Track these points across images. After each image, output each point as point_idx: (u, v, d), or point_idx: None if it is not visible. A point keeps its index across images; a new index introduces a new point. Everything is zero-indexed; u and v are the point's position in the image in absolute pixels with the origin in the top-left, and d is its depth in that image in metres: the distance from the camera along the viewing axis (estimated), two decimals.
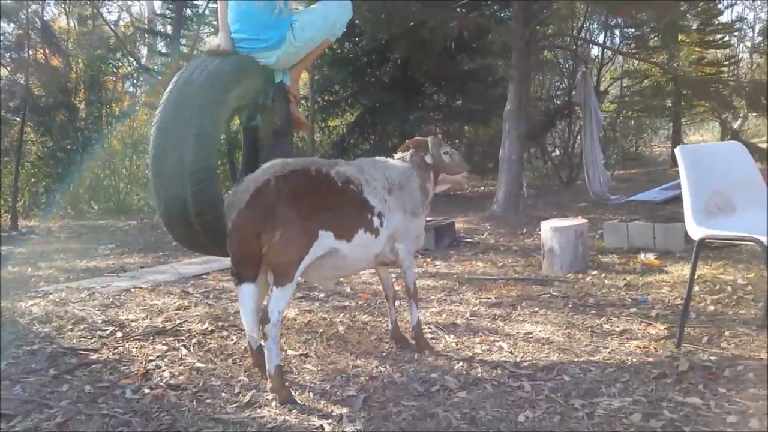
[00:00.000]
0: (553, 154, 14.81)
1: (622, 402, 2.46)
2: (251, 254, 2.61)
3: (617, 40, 14.12)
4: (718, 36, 13.71)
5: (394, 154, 3.37)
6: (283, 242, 2.55)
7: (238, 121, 3.50)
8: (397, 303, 3.32)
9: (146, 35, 16.51)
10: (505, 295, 4.25)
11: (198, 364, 3.05)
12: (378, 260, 3.06)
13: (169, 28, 14.48)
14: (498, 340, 3.31)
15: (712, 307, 3.70)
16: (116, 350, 3.30)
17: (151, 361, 3.12)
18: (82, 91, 13.50)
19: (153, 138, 2.88)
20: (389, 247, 3.02)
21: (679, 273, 4.55)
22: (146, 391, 2.74)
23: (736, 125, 15.69)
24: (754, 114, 11.06)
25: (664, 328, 3.35)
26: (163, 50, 15.32)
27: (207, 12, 12.73)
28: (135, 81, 15.93)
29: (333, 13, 3.36)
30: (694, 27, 12.77)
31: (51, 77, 12.62)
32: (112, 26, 15.22)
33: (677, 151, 3.00)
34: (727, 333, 3.22)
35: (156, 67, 15.11)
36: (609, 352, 3.05)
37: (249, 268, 2.66)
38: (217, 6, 3.35)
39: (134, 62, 14.81)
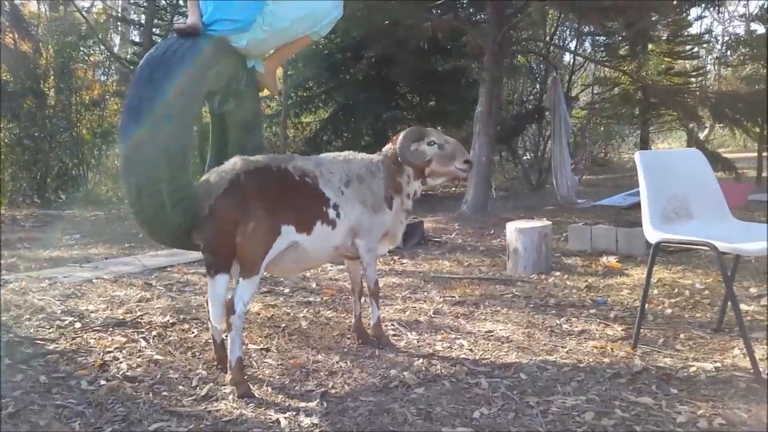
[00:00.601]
0: (524, 158, 14.95)
1: (576, 400, 2.51)
2: (227, 242, 2.62)
3: (588, 47, 14.33)
4: (687, 47, 13.98)
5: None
6: (254, 235, 2.60)
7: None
8: (363, 299, 3.33)
9: (119, 23, 16.27)
10: (468, 294, 4.29)
11: (156, 357, 3.03)
12: (339, 254, 3.06)
13: (143, 17, 14.29)
14: (459, 338, 3.34)
15: (669, 310, 3.77)
16: (74, 341, 3.26)
17: (109, 352, 3.09)
18: (52, 77, 13.24)
19: (123, 121, 2.79)
20: (350, 241, 3.03)
21: (640, 276, 4.64)
22: (102, 382, 2.71)
23: (702, 135, 16.03)
24: (720, 125, 11.27)
25: (622, 330, 3.41)
26: (137, 39, 15.12)
27: (181, 2, 12.58)
28: (106, 70, 15.70)
29: (316, 8, 3.24)
30: (664, 37, 13.01)
31: (20, 63, 12.36)
32: (84, 13, 14.94)
33: (636, 156, 3.07)
34: (682, 336, 3.29)
35: (128, 56, 14.90)
36: (566, 352, 3.10)
37: (224, 257, 2.68)
38: None
39: (106, 50, 14.58)
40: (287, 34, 3.25)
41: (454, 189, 12.91)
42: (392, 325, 3.59)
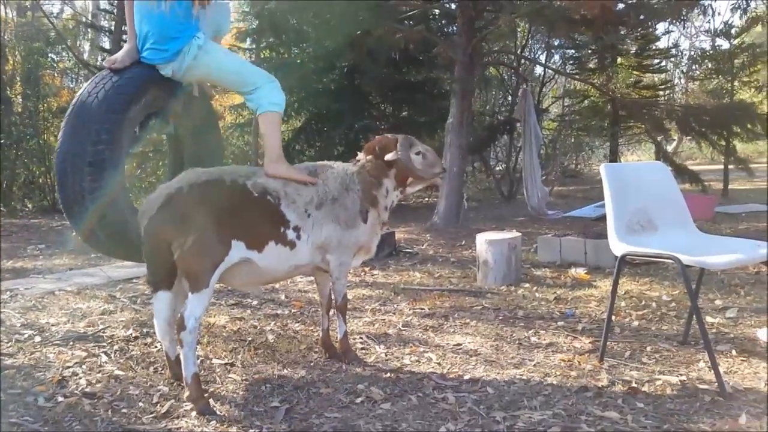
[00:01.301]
0: (496, 168, 15.07)
1: (543, 415, 2.50)
2: (163, 261, 2.58)
3: (558, 59, 14.54)
4: (655, 61, 14.25)
5: (358, 153, 3.23)
6: (194, 249, 2.52)
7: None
8: (331, 312, 3.28)
9: (89, 30, 16.03)
10: (438, 306, 4.27)
11: (117, 372, 2.95)
12: (305, 271, 3.03)
13: (113, 23, 14.09)
14: (427, 351, 3.31)
15: (636, 323, 3.80)
16: (33, 355, 3.17)
17: (68, 367, 3.01)
18: (18, 84, 13.00)
19: (55, 157, 3.13)
20: (320, 257, 2.97)
21: (607, 288, 4.67)
22: (60, 399, 2.64)
23: (670, 148, 16.32)
24: (688, 138, 11.48)
25: (589, 342, 3.42)
26: (106, 46, 14.90)
27: None
28: (75, 76, 15.45)
29: (247, 67, 3.40)
30: (632, 51, 13.25)
31: None
32: (51, 19, 14.69)
33: (602, 169, 3.09)
34: (648, 348, 3.31)
35: (98, 63, 14.68)
36: (534, 365, 3.09)
37: (163, 275, 2.63)
38: (125, 10, 3.31)
39: (75, 57, 14.35)
40: (211, 74, 3.33)
41: (427, 199, 12.94)
42: (360, 338, 3.55)
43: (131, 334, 3.54)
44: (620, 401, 2.63)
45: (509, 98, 14.61)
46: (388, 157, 3.09)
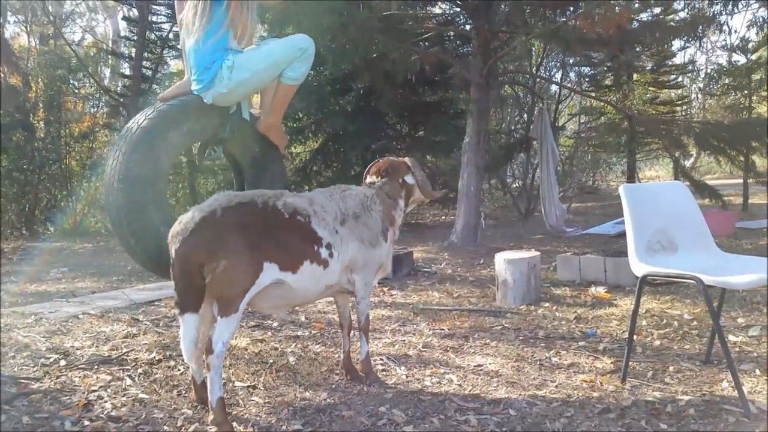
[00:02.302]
0: (513, 186, 15.04)
1: None
2: (193, 284, 2.57)
3: (573, 77, 14.54)
4: (672, 76, 14.21)
5: (367, 176, 3.34)
6: (227, 273, 2.52)
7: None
8: (352, 333, 3.30)
9: (109, 57, 16.37)
10: (458, 326, 4.27)
11: (142, 395, 2.99)
12: (333, 291, 3.05)
13: (133, 50, 14.38)
14: (448, 373, 3.32)
15: (658, 342, 3.78)
16: (58, 379, 3.21)
17: (94, 391, 3.05)
18: (41, 110, 13.27)
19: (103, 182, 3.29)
20: (345, 278, 3.00)
21: (628, 307, 4.64)
22: (86, 423, 2.67)
23: (688, 163, 16.19)
24: (707, 152, 11.41)
25: (611, 362, 3.41)
26: (126, 72, 15.19)
27: (171, 36, 12.69)
28: (96, 102, 15.75)
29: (279, 56, 3.36)
30: (648, 67, 13.23)
31: (9, 96, 12.39)
32: (73, 46, 15.03)
33: (621, 190, 3.09)
34: (671, 368, 3.29)
35: (118, 89, 14.96)
36: (556, 386, 3.09)
37: (191, 298, 2.61)
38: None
39: (96, 83, 14.64)
40: (251, 85, 3.39)
41: (443, 217, 12.95)
42: (381, 359, 3.56)
43: (154, 357, 3.58)
44: (643, 422, 2.62)
45: (525, 116, 14.63)
46: (409, 179, 3.25)
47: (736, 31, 32.04)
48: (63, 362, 3.48)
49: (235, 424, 2.63)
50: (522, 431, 2.56)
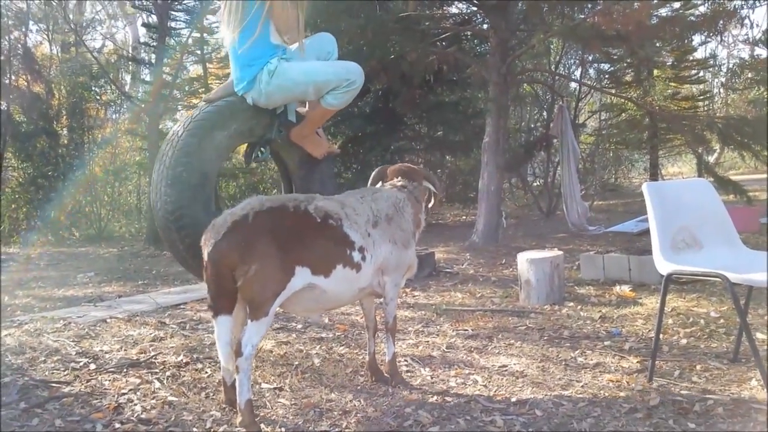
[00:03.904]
0: (534, 185, 14.97)
1: None
2: (225, 287, 2.60)
3: (593, 74, 14.42)
4: (693, 72, 14.04)
5: (379, 180, 3.37)
6: (258, 277, 2.54)
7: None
8: (377, 334, 3.32)
9: (130, 63, 16.56)
10: (481, 327, 4.27)
11: (170, 398, 3.03)
12: (366, 294, 3.07)
13: (153, 57, 14.54)
14: (473, 373, 3.32)
15: (684, 341, 3.74)
16: (89, 383, 3.27)
17: (124, 394, 3.09)
18: (64, 117, 13.49)
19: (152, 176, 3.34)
20: (377, 280, 3.01)
21: (653, 305, 4.60)
22: (117, 425, 2.72)
23: (712, 158, 15.99)
24: (731, 147, 11.26)
25: (637, 362, 3.39)
26: (147, 78, 15.37)
27: (190, 41, 12.81)
28: (118, 108, 15.95)
29: (324, 76, 3.32)
30: (669, 63, 13.08)
31: (32, 103, 12.61)
32: (94, 54, 15.23)
33: (644, 188, 3.07)
34: (698, 367, 3.26)
35: (139, 95, 15.13)
36: (582, 386, 3.08)
37: (224, 300, 2.64)
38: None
39: (117, 90, 14.83)
40: (289, 94, 3.39)
41: (464, 217, 12.92)
42: (405, 360, 3.57)
43: (182, 360, 3.62)
44: (671, 422, 2.60)
45: (544, 114, 14.56)
46: (428, 185, 3.36)
47: (758, 25, 31.58)
48: (92, 366, 3.53)
49: (263, 425, 2.67)
50: (548, 431, 2.56)
